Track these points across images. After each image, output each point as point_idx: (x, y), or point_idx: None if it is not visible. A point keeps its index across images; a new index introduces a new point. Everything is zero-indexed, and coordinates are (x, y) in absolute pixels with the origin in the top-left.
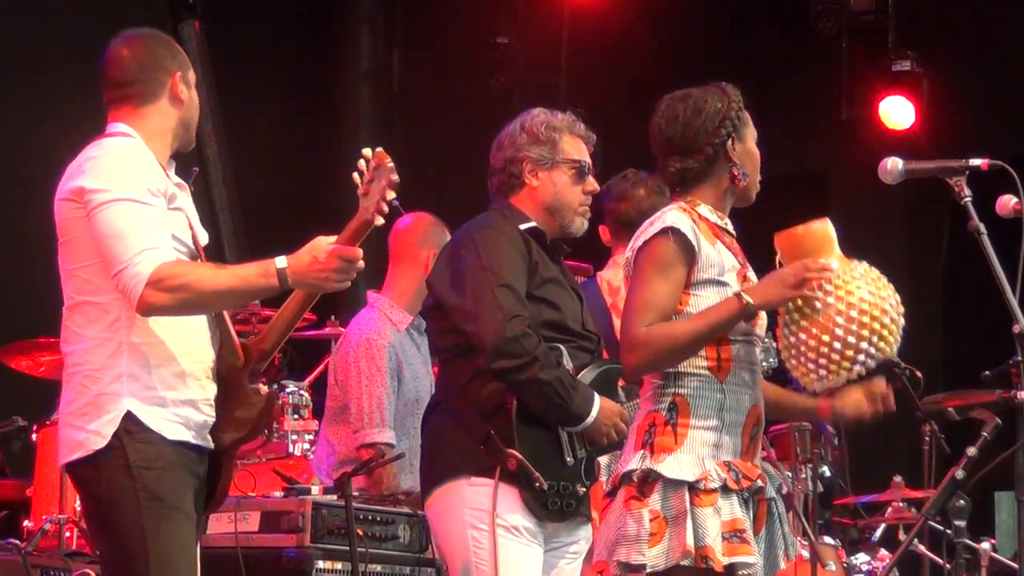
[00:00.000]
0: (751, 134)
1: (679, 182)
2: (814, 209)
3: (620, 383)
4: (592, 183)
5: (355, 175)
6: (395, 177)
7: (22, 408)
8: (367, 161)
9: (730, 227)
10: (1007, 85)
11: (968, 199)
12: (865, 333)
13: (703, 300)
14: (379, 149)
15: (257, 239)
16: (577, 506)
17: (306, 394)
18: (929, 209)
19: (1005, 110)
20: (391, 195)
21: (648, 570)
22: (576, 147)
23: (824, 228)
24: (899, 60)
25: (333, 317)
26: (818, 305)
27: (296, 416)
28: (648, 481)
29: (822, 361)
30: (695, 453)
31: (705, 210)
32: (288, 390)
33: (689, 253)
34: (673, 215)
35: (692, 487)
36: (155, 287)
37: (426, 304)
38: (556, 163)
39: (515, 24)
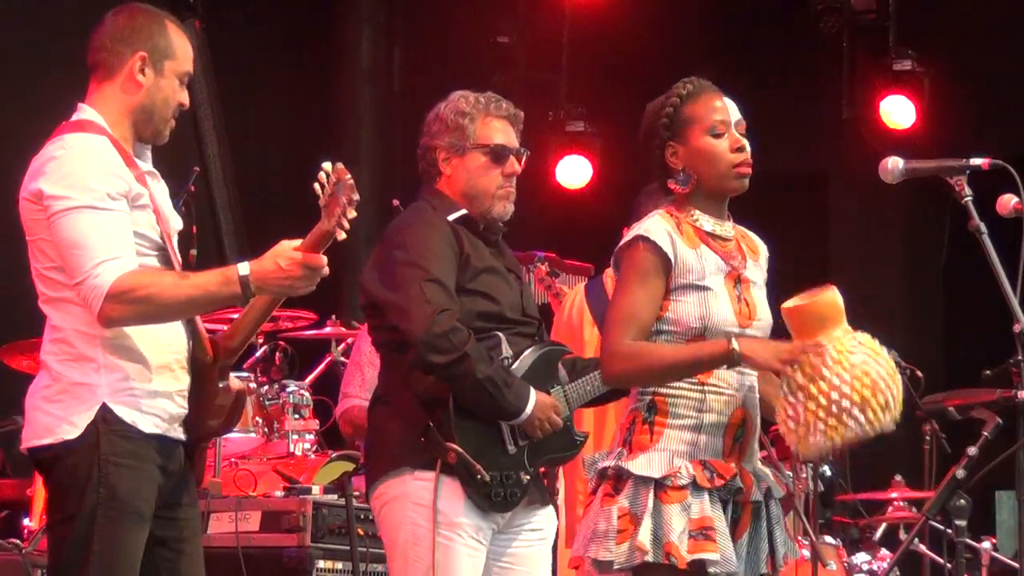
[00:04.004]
0: (701, 126)
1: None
2: (814, 209)
3: (561, 363)
4: (512, 165)
5: (316, 186)
6: (355, 195)
7: (23, 408)
8: (327, 175)
9: (723, 231)
10: (1007, 85)
11: (969, 198)
12: (857, 412)
13: (683, 305)
14: (339, 165)
15: (257, 239)
16: (522, 495)
17: (307, 394)
18: (929, 208)
19: (1005, 109)
20: (352, 213)
21: (616, 567)
22: (495, 129)
23: (832, 298)
24: (900, 59)
25: (334, 317)
26: (815, 376)
27: (297, 416)
28: (621, 479)
29: (820, 426)
30: (667, 451)
31: (697, 215)
32: (289, 390)
33: (664, 260)
34: (650, 222)
35: (659, 484)
36: (114, 300)
37: (360, 303)
38: (467, 149)
39: (515, 24)
